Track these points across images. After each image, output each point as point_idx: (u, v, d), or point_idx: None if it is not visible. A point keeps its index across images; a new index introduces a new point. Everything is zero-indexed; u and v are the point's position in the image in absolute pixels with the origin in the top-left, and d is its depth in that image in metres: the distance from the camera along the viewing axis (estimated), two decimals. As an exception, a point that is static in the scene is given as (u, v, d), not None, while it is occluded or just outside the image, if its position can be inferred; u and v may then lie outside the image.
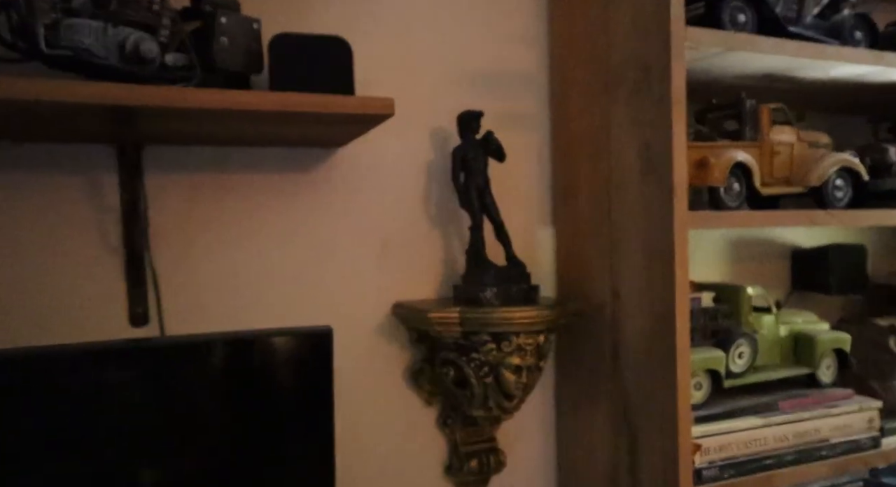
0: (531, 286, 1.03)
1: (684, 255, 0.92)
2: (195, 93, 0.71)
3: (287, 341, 0.77)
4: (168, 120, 0.76)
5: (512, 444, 1.18)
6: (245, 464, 0.77)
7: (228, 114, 0.74)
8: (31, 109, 0.68)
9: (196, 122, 0.79)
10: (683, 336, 0.92)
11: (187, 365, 0.77)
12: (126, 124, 0.75)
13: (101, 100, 0.66)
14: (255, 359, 0.76)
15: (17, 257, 0.89)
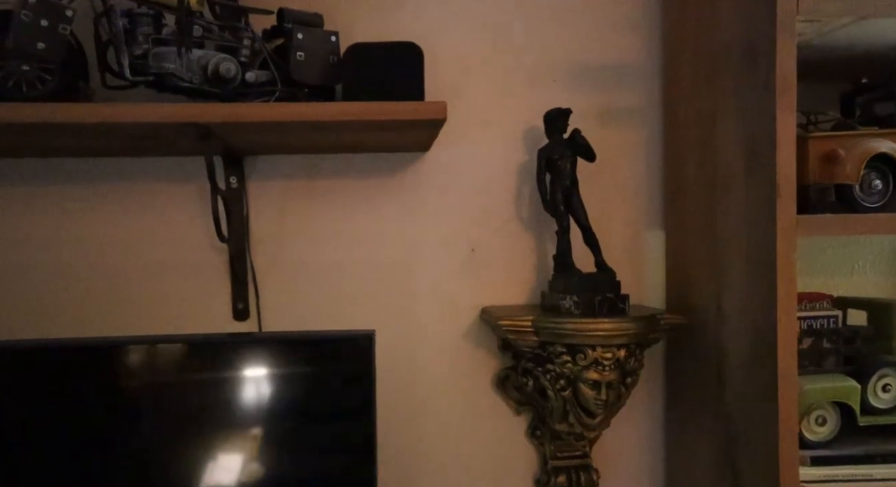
0: (620, 295, 0.95)
1: (789, 266, 0.78)
2: (248, 108, 0.77)
3: (330, 344, 0.79)
4: (234, 132, 0.83)
5: (609, 464, 1.10)
6: (291, 462, 0.80)
7: (282, 125, 0.78)
8: (128, 129, 0.79)
9: (263, 133, 0.85)
10: (787, 360, 0.78)
11: (236, 362, 0.82)
12: (205, 138, 0.83)
13: (170, 119, 0.74)
14: (299, 361, 0.79)
15: (138, 256, 1.03)
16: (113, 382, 0.82)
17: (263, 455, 0.80)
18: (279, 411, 0.80)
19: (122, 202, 1.03)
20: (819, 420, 0.86)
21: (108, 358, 0.83)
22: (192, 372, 0.87)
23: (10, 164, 1.01)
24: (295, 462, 0.80)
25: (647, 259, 1.11)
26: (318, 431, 0.79)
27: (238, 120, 0.77)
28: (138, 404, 0.81)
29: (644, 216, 1.11)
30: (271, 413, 0.80)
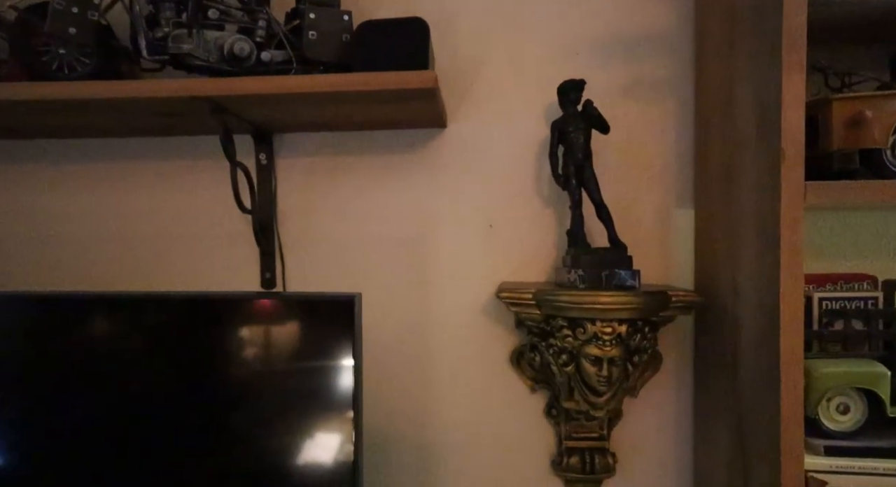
0: (630, 271, 0.91)
1: (796, 237, 0.72)
2: (240, 82, 0.82)
3: (313, 306, 0.82)
4: (239, 105, 0.88)
5: (629, 449, 1.06)
6: (273, 420, 0.84)
7: (283, 97, 0.83)
8: (142, 104, 0.86)
9: (266, 107, 0.90)
10: (791, 339, 0.72)
11: (212, 319, 0.86)
12: (218, 113, 0.89)
13: (172, 94, 0.80)
14: (280, 321, 0.83)
15: (174, 228, 1.12)
16: (94, 335, 0.87)
17: (243, 411, 0.84)
18: (262, 370, 0.83)
19: (159, 178, 1.12)
20: (840, 408, 0.79)
21: (92, 312, 0.88)
22: (169, 329, 0.89)
23: (58, 145, 1.14)
24: (277, 420, 0.83)
25: (676, 238, 1.06)
26: (300, 392, 0.82)
27: (230, 93, 0.82)
28: (128, 357, 0.86)
29: (674, 194, 1.06)
30: (254, 371, 0.84)
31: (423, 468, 1.10)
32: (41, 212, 1.15)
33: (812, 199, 0.72)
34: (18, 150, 1.15)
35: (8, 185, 1.15)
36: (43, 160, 1.14)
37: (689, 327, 1.06)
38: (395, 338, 1.10)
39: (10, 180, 1.15)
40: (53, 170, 1.14)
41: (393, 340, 1.10)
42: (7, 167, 1.15)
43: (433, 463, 1.10)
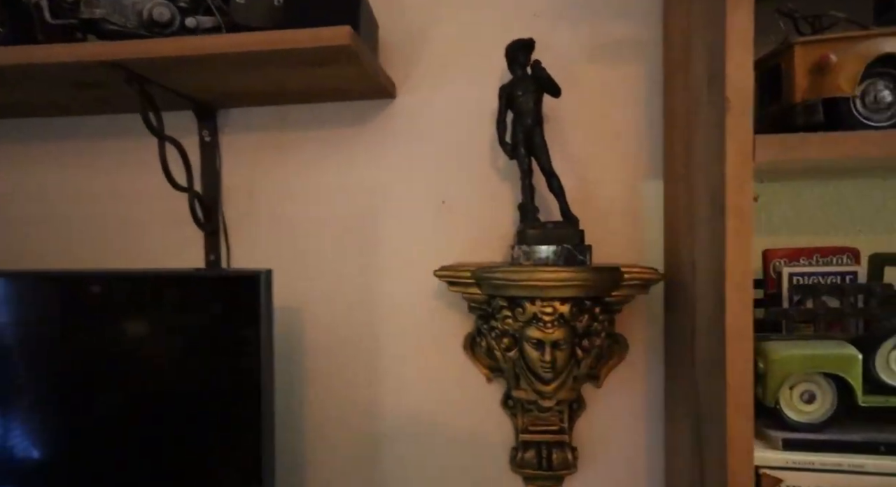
0: (581, 246, 0.83)
1: (744, 200, 0.63)
2: (148, 44, 0.77)
3: (218, 282, 0.76)
4: (160, 72, 0.83)
5: (594, 443, 0.98)
6: (178, 398, 0.78)
7: (193, 60, 0.77)
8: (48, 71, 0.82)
9: (191, 73, 0.84)
10: (738, 315, 0.63)
11: (119, 299, 0.81)
12: (131, 82, 0.84)
13: (67, 59, 0.76)
14: (186, 297, 0.77)
15: (114, 209, 1.08)
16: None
17: (149, 390, 0.79)
18: (169, 348, 0.78)
19: (99, 158, 1.08)
20: (805, 397, 0.69)
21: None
22: (70, 307, 0.85)
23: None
24: (182, 398, 0.78)
25: (645, 214, 0.96)
26: (206, 370, 0.76)
27: (134, 56, 0.77)
28: (34, 335, 0.83)
29: (643, 165, 0.97)
30: (159, 349, 0.79)
31: (373, 462, 1.03)
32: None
33: (763, 155, 0.63)
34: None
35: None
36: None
37: (658, 311, 0.96)
38: (343, 323, 1.03)
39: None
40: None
41: (340, 325, 1.03)
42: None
43: (383, 458, 1.03)
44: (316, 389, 1.04)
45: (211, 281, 0.76)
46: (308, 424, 1.04)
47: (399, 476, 1.02)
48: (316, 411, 1.04)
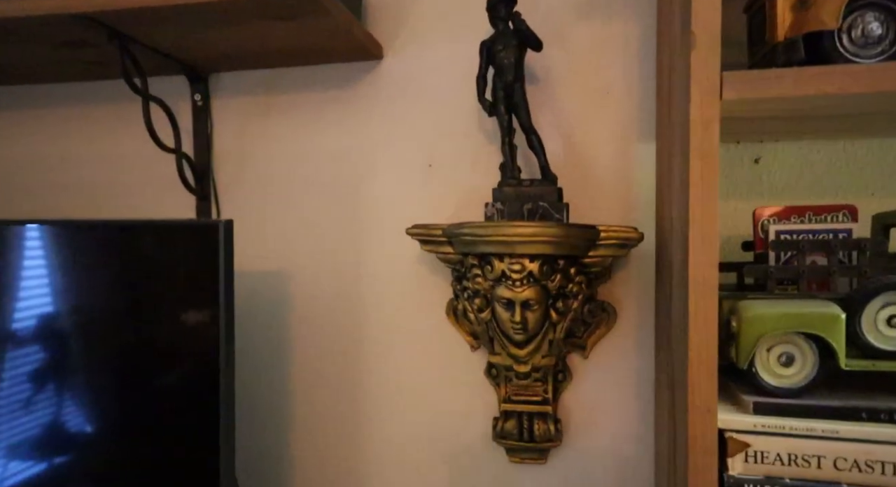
0: (558, 204, 0.80)
1: (709, 142, 0.59)
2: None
3: (179, 232, 0.75)
4: (135, 26, 0.84)
5: (580, 413, 0.94)
6: (133, 350, 0.78)
7: (157, 12, 0.77)
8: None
9: (158, 27, 0.84)
10: (702, 266, 0.59)
11: (82, 248, 0.80)
12: (112, 39, 0.85)
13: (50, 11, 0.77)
14: (145, 248, 0.77)
15: (112, 173, 1.10)
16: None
17: (106, 340, 0.79)
18: (126, 299, 0.78)
19: (92, 124, 1.10)
20: (783, 360, 0.64)
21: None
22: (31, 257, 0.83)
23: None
24: (140, 350, 0.78)
25: (635, 175, 0.92)
26: (165, 320, 0.76)
27: (103, 7, 0.77)
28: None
29: (635, 126, 0.92)
30: (119, 299, 0.79)
31: (355, 426, 1.02)
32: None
33: (731, 93, 0.58)
34: None
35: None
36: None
37: (649, 279, 0.92)
38: (329, 288, 1.02)
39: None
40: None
41: (326, 290, 1.02)
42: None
43: (366, 427, 1.01)
44: (300, 353, 1.03)
45: (170, 230, 0.76)
46: (293, 388, 1.04)
47: (381, 443, 1.01)
48: (300, 375, 1.04)
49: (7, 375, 0.81)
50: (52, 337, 0.80)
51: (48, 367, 0.80)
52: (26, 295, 0.81)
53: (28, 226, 0.82)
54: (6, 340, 0.81)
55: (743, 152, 0.90)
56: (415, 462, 1.00)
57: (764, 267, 0.67)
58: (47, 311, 0.79)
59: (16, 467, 0.81)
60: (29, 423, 0.81)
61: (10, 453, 0.81)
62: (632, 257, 0.92)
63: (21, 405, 0.81)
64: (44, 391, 0.80)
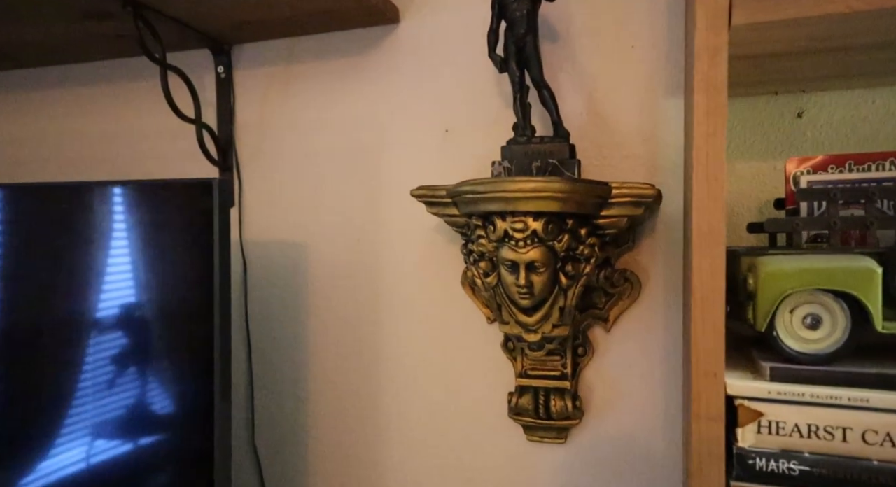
0: (569, 162, 0.74)
1: (716, 73, 0.52)
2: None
3: (172, 190, 0.74)
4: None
5: (602, 389, 0.88)
6: (128, 309, 0.77)
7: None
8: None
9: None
10: (705, 210, 0.52)
11: (77, 206, 0.79)
12: (126, 6, 0.86)
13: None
14: (142, 207, 0.76)
15: (138, 148, 1.12)
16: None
17: (95, 302, 0.78)
18: (119, 260, 0.78)
19: (118, 101, 1.13)
20: (808, 322, 0.56)
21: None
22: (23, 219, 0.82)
23: (17, 74, 1.20)
24: (135, 310, 0.77)
25: (662, 134, 0.85)
26: (157, 286, 0.75)
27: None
28: None
29: (663, 80, 0.85)
30: (115, 258, 0.78)
31: (371, 404, 0.99)
32: (8, 138, 1.21)
33: (741, 16, 0.52)
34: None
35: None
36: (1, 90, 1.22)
37: (678, 245, 0.85)
38: (346, 259, 1.00)
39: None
40: (15, 98, 1.20)
41: (343, 261, 1.01)
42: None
43: (381, 399, 0.99)
44: (317, 324, 1.02)
45: (164, 189, 0.76)
46: (309, 358, 1.03)
47: (396, 417, 0.98)
48: (316, 346, 1.02)
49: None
50: (43, 297, 0.80)
51: (37, 330, 0.81)
52: (28, 257, 0.82)
53: (26, 189, 0.82)
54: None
55: (783, 105, 0.81)
56: (429, 438, 0.96)
57: (789, 219, 0.60)
58: (43, 271, 0.80)
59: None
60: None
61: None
62: (658, 223, 0.85)
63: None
64: (32, 355, 0.81)
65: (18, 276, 0.81)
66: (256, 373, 1.06)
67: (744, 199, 0.83)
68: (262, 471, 1.05)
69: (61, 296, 0.79)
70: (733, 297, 0.61)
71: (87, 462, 0.79)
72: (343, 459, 1.01)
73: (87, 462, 0.79)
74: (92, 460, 0.79)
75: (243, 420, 1.06)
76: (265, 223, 1.05)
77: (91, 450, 0.79)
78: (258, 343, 1.05)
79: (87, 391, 0.79)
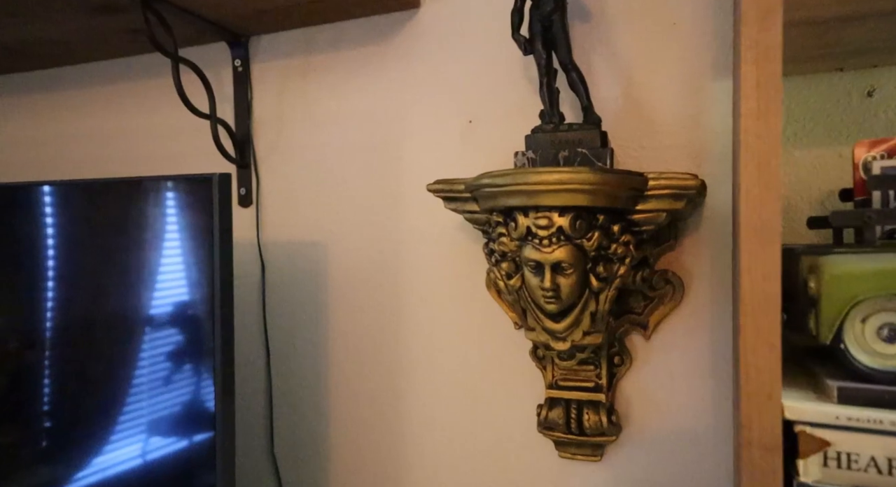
0: (601, 150, 0.66)
1: (769, 37, 0.44)
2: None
3: (174, 186, 0.70)
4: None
5: (641, 403, 0.79)
6: (130, 310, 0.73)
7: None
8: None
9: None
10: (756, 210, 0.44)
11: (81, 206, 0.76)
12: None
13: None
14: (143, 202, 0.71)
15: (156, 145, 1.09)
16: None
17: (94, 300, 0.74)
18: (119, 258, 0.74)
19: (134, 99, 1.10)
20: (885, 334, 0.47)
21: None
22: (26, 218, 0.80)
23: (34, 75, 1.19)
24: (130, 311, 0.73)
25: (709, 122, 0.76)
26: (155, 286, 0.71)
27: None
28: None
29: (709, 61, 0.77)
30: (116, 256, 0.74)
31: (392, 413, 0.93)
32: (30, 139, 1.20)
33: (799, -28, 0.44)
34: (9, 83, 1.23)
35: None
36: (10, 93, 1.21)
37: (726, 244, 0.76)
38: (367, 260, 0.95)
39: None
40: (32, 99, 1.19)
41: (364, 262, 0.95)
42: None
43: (403, 408, 0.93)
44: (337, 327, 0.97)
45: (165, 185, 0.71)
46: (328, 364, 0.98)
47: (419, 427, 0.92)
48: (336, 351, 0.97)
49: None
50: (45, 296, 0.77)
51: (38, 327, 0.78)
52: (37, 256, 0.79)
53: (23, 188, 0.80)
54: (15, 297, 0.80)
55: (850, 82, 0.71)
56: (454, 451, 0.90)
57: (859, 212, 0.51)
58: (52, 269, 0.77)
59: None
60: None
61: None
62: (703, 219, 0.76)
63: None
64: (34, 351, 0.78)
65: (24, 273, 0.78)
66: (275, 380, 1.01)
67: (803, 191, 0.74)
68: (280, 480, 1.00)
69: (63, 299, 0.76)
70: (792, 304, 0.52)
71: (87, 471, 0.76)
72: (363, 471, 0.96)
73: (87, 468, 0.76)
74: (95, 467, 0.76)
75: (262, 427, 1.02)
76: (283, 222, 1.00)
77: (93, 459, 0.75)
78: (277, 349, 1.01)
79: (84, 396, 0.75)
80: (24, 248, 0.77)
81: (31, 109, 1.21)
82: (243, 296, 1.03)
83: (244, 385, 1.03)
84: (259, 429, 1.02)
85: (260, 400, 1.02)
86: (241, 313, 1.03)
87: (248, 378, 1.03)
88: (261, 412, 1.02)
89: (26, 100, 1.22)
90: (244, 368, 1.03)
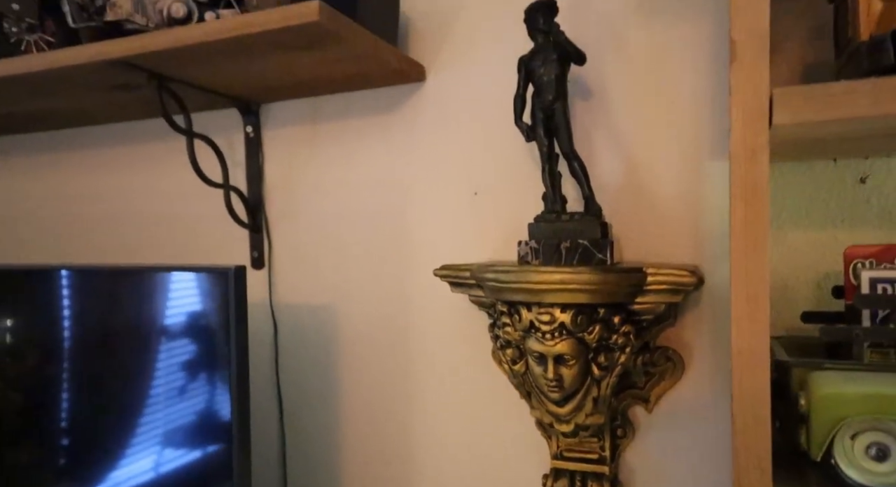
0: (601, 242, 0.69)
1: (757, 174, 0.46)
2: (144, 39, 0.77)
3: (193, 277, 0.73)
4: (172, 66, 0.84)
5: (644, 475, 0.81)
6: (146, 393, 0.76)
7: (187, 50, 0.77)
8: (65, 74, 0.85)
9: (189, 66, 0.84)
10: (745, 339, 0.46)
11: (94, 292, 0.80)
12: (153, 80, 0.85)
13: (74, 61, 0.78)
14: (159, 291, 0.75)
15: (171, 207, 1.12)
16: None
17: (112, 389, 0.78)
18: (136, 345, 0.77)
19: (150, 161, 1.14)
20: (873, 453, 0.49)
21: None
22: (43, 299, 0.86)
23: (46, 136, 1.23)
24: (156, 391, 0.76)
25: (708, 202, 0.79)
26: (177, 364, 0.74)
27: (134, 51, 0.78)
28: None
29: (707, 142, 0.79)
30: (133, 341, 0.78)
31: (402, 479, 0.96)
32: (39, 196, 1.24)
33: (784, 116, 0.46)
34: (18, 143, 1.27)
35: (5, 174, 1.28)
36: (34, 151, 1.25)
37: (725, 320, 0.78)
38: (375, 325, 0.97)
39: (8, 170, 1.28)
40: (41, 159, 1.23)
41: (372, 327, 0.98)
42: (8, 159, 1.28)
43: (412, 472, 0.95)
44: (348, 391, 1.00)
45: (182, 276, 0.74)
46: (341, 424, 1.00)
47: (428, 493, 0.94)
48: (347, 413, 1.00)
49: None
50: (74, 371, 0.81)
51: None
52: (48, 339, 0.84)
53: (45, 271, 0.84)
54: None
55: (843, 170, 0.73)
56: (463, 515, 0.92)
57: (847, 329, 0.53)
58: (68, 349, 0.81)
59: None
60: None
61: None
62: (703, 296, 0.78)
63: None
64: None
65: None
66: (289, 438, 1.04)
67: (799, 273, 0.76)
68: (294, 537, 1.03)
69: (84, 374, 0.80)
70: (785, 410, 0.55)
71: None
72: (374, 530, 0.98)
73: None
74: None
75: (276, 478, 1.05)
76: (294, 284, 1.03)
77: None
78: (290, 407, 1.04)
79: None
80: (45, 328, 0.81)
81: (53, 166, 1.25)
82: (257, 353, 1.06)
83: (258, 442, 1.06)
84: (273, 483, 1.05)
85: (274, 458, 1.05)
86: (255, 369, 1.06)
87: (262, 434, 1.06)
88: (274, 470, 1.05)
89: (34, 160, 1.26)
90: (258, 425, 1.06)
